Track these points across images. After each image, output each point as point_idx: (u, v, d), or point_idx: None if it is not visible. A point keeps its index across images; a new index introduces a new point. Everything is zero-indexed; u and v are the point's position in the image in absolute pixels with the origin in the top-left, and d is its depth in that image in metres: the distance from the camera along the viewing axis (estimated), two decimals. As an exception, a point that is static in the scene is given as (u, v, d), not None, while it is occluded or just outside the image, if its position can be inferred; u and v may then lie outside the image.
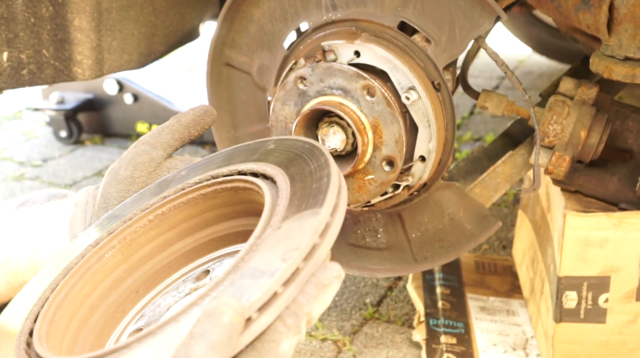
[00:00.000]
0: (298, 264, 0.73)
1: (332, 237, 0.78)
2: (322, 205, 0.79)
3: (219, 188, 1.02)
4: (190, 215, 1.06)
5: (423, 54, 1.43)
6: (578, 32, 1.60)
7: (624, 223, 1.53)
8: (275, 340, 0.70)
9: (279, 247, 0.76)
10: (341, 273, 0.76)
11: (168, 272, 1.07)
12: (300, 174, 0.91)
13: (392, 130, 1.40)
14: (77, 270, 0.99)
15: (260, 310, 0.70)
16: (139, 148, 1.16)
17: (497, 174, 1.62)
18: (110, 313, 1.02)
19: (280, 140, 1.04)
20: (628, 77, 1.42)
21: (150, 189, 1.10)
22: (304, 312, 0.72)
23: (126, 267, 1.04)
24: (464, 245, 1.58)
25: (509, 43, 4.05)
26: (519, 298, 1.96)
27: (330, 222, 0.79)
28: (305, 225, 0.78)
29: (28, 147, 3.36)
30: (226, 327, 0.65)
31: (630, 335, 1.61)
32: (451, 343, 1.78)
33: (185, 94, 3.36)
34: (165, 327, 0.74)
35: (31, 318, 0.93)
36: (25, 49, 1.55)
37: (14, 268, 1.12)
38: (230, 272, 0.77)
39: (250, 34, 1.60)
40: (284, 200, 0.86)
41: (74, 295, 0.98)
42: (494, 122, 3.29)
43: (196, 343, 0.65)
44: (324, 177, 0.86)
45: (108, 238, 1.03)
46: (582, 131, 1.51)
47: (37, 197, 1.33)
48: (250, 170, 0.99)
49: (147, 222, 1.04)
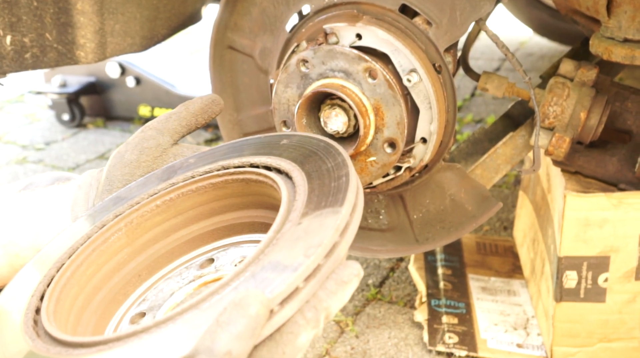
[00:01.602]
0: (320, 261, 0.75)
1: (351, 236, 0.80)
2: (342, 204, 0.81)
3: (230, 178, 1.03)
4: (198, 203, 1.06)
5: (424, 37, 1.43)
6: (578, 14, 1.60)
7: (624, 204, 1.54)
8: (294, 332, 0.72)
9: (300, 243, 0.78)
10: (360, 271, 0.78)
11: (171, 258, 1.07)
12: (317, 171, 0.92)
13: (393, 112, 1.41)
14: (83, 250, 1.00)
15: (282, 303, 0.72)
16: (146, 133, 1.16)
17: (498, 155, 1.63)
18: (113, 295, 1.03)
19: (293, 136, 1.05)
20: (627, 59, 1.42)
21: (157, 174, 1.10)
22: (323, 307, 0.74)
23: (130, 250, 1.05)
24: (465, 226, 1.59)
25: (510, 24, 4.05)
26: (520, 279, 1.98)
27: (349, 222, 0.81)
28: (326, 223, 0.79)
29: (31, 130, 3.37)
30: (252, 317, 0.67)
31: (629, 314, 1.62)
32: (453, 323, 1.80)
33: (188, 76, 3.36)
34: (185, 313, 0.75)
35: (37, 295, 0.94)
36: (28, 33, 1.55)
37: (16, 250, 1.13)
38: (250, 264, 0.78)
39: (252, 17, 1.61)
40: (302, 195, 0.88)
41: (79, 275, 0.98)
42: (495, 104, 3.29)
43: (222, 331, 0.66)
44: (342, 177, 0.88)
45: (114, 220, 1.04)
46: (582, 112, 1.52)
47: (41, 180, 1.33)
48: (264, 164, 1.00)
49: (155, 207, 1.05)
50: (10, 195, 1.23)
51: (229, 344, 0.66)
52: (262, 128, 1.73)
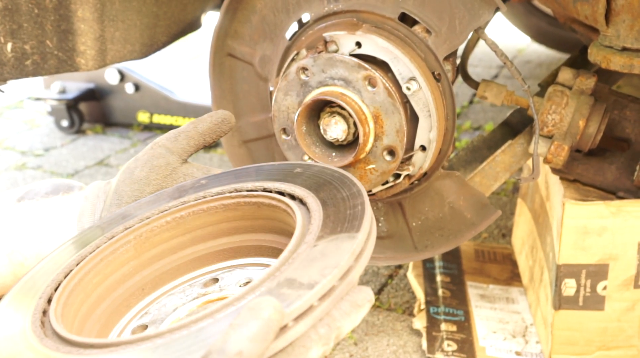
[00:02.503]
0: (335, 282, 0.77)
1: (364, 262, 0.83)
2: (358, 230, 0.85)
3: (242, 201, 1.04)
4: (208, 223, 1.08)
5: (423, 45, 1.44)
6: (576, 22, 1.61)
7: (622, 212, 1.55)
8: (305, 345, 0.74)
9: (316, 263, 0.80)
10: (372, 298, 0.80)
11: (176, 275, 1.09)
12: (332, 199, 0.95)
13: (393, 120, 1.41)
14: (91, 259, 1.01)
15: (296, 319, 0.74)
16: (155, 150, 1.16)
17: (497, 163, 1.63)
18: (116, 306, 1.03)
19: (307, 165, 1.07)
20: (626, 67, 1.43)
21: (168, 192, 1.12)
22: (336, 326, 0.76)
23: (137, 263, 1.06)
24: (464, 234, 1.59)
25: (508, 32, 4.06)
26: (519, 286, 1.98)
27: (364, 248, 0.84)
28: (342, 247, 0.82)
29: (30, 136, 3.38)
30: (265, 321, 0.69)
31: (628, 322, 1.62)
32: (451, 330, 1.80)
33: (187, 83, 3.37)
34: (199, 322, 0.77)
35: (44, 298, 0.94)
36: (29, 40, 1.56)
37: (20, 259, 1.13)
38: (265, 280, 0.80)
39: (252, 25, 1.62)
40: (318, 220, 0.90)
41: (85, 283, 0.99)
42: (494, 111, 3.30)
43: (234, 333, 0.68)
44: (357, 205, 0.91)
45: (124, 232, 1.05)
46: (580, 120, 1.52)
47: (40, 187, 1.33)
48: (277, 189, 1.02)
49: (165, 223, 1.06)
50: (11, 204, 1.23)
51: (241, 344, 0.67)
52: (261, 135, 1.73)
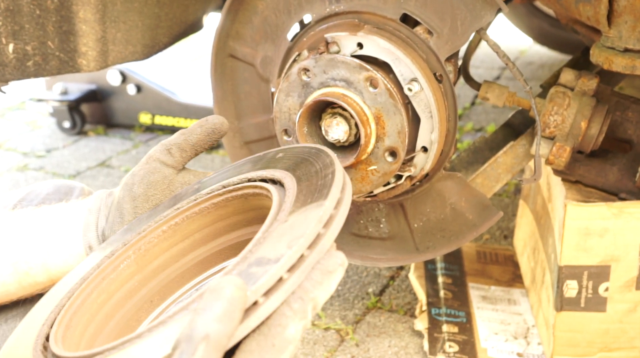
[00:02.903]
0: (303, 251, 0.76)
1: (336, 228, 0.80)
2: (326, 198, 0.82)
3: (230, 196, 1.04)
4: (203, 225, 1.07)
5: (425, 46, 1.44)
6: (578, 23, 1.61)
7: (624, 213, 1.55)
8: (282, 324, 0.72)
9: (284, 237, 0.79)
10: (345, 261, 0.78)
11: (182, 282, 1.08)
12: (306, 174, 0.94)
13: (394, 121, 1.41)
14: (93, 279, 1.01)
15: (266, 294, 0.72)
16: (151, 165, 1.16)
17: (499, 164, 1.63)
18: (125, 321, 1.03)
19: (288, 149, 1.07)
20: (628, 69, 1.43)
21: (165, 204, 1.12)
22: (310, 297, 0.74)
23: (141, 277, 1.06)
24: (466, 235, 1.59)
25: (510, 33, 4.05)
26: (520, 288, 1.98)
27: (334, 214, 0.82)
28: (309, 216, 0.80)
29: (32, 137, 3.38)
30: (227, 300, 0.67)
31: (630, 323, 1.62)
32: (453, 332, 1.80)
33: (189, 84, 3.37)
34: (176, 315, 0.76)
35: (47, 323, 0.94)
36: (30, 41, 1.56)
37: (25, 268, 1.13)
38: (238, 263, 0.79)
39: (254, 26, 1.61)
40: (291, 197, 0.89)
41: (89, 303, 0.99)
42: (495, 113, 3.30)
43: (199, 317, 0.67)
44: (328, 174, 0.89)
45: (123, 248, 1.05)
46: (582, 122, 1.52)
47: (42, 188, 1.34)
48: (259, 177, 1.01)
49: (161, 233, 1.06)
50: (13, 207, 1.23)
51: (207, 327, 0.66)
52: (262, 136, 1.73)
